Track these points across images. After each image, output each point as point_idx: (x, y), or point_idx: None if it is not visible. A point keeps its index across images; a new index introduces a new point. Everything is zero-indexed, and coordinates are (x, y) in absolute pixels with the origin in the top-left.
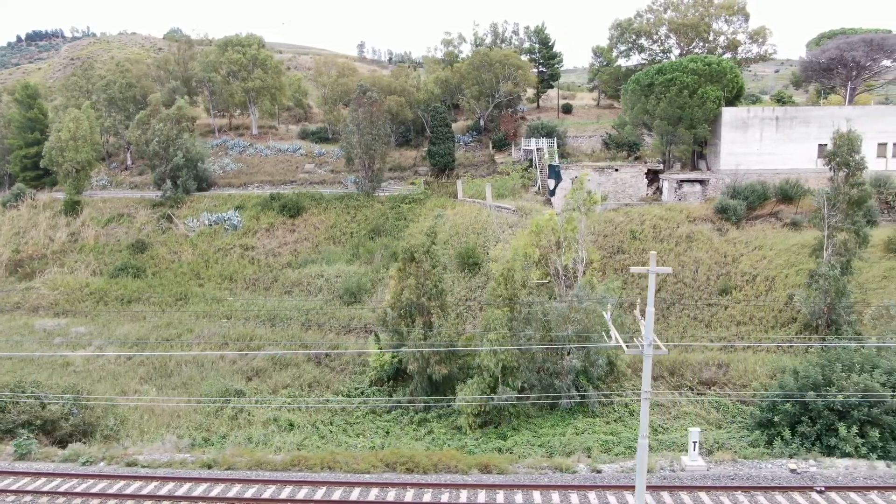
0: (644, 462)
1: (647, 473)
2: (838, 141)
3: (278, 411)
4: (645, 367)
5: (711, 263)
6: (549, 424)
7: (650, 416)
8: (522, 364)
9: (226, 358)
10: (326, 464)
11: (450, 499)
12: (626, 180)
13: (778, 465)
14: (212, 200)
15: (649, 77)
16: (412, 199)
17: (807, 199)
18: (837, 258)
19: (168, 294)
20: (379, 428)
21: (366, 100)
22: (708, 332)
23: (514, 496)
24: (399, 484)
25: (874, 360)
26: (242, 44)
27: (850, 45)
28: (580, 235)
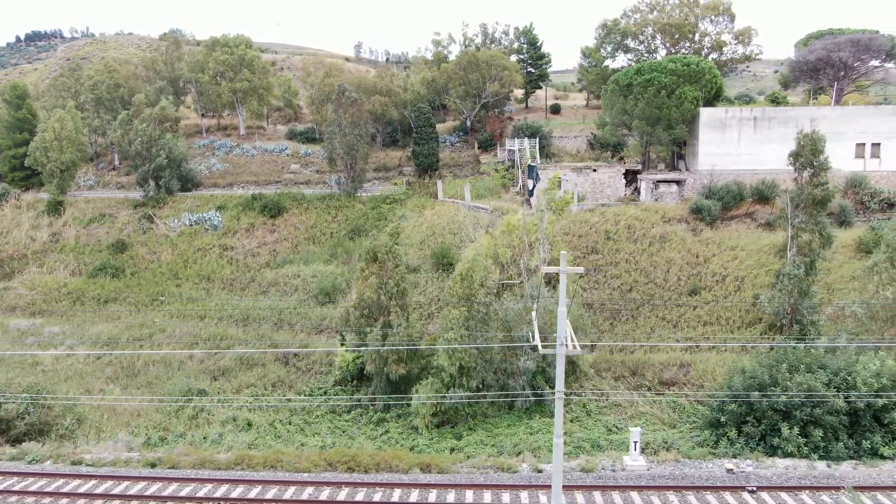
0: (559, 461)
1: (588, 473)
2: (802, 141)
3: (238, 411)
4: (558, 367)
5: (683, 264)
6: (505, 424)
7: (606, 417)
8: (479, 364)
9: (194, 357)
10: (269, 463)
11: (382, 497)
12: (604, 181)
13: (717, 465)
14: (194, 200)
15: (628, 77)
16: (393, 200)
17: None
18: (801, 258)
19: (144, 294)
20: (336, 428)
21: (345, 100)
22: (675, 333)
23: (446, 495)
24: (335, 483)
25: (822, 360)
26: (229, 44)
27: (837, 45)
28: (541, 235)
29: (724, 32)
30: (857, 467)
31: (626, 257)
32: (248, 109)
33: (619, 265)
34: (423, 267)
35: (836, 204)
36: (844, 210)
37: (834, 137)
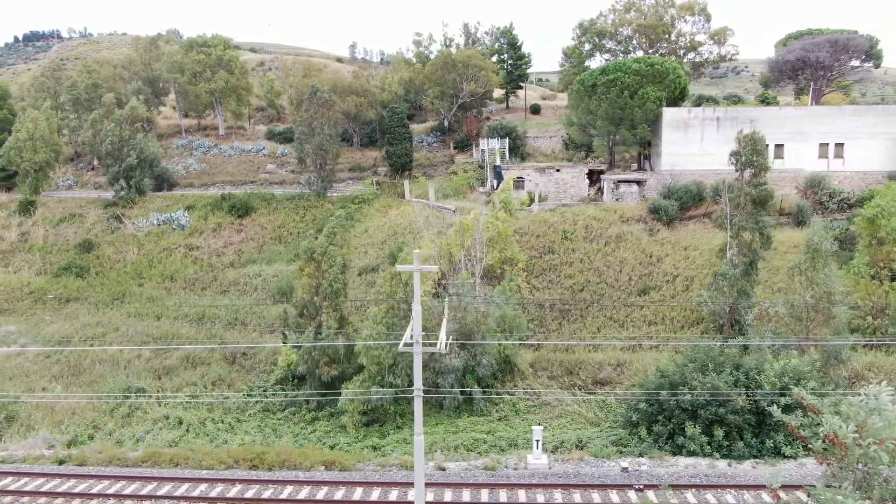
0: (421, 458)
1: (489, 471)
2: (742, 141)
3: (172, 409)
4: (415, 365)
5: (636, 263)
6: (433, 423)
7: (534, 416)
8: (401, 362)
9: (142, 357)
10: (175, 461)
11: (272, 494)
12: (567, 181)
13: (616, 464)
14: (164, 200)
15: (593, 78)
16: (361, 200)
17: None
18: (741, 259)
19: (106, 294)
20: (267, 426)
21: (316, 100)
22: (620, 332)
23: (335, 492)
24: (229, 480)
25: (735, 360)
26: (207, 44)
27: (816, 45)
28: (477, 235)
29: (700, 33)
30: (756, 466)
31: (580, 257)
32: (227, 110)
33: (573, 265)
34: (381, 266)
35: (793, 204)
36: (802, 210)
37: (798, 137)
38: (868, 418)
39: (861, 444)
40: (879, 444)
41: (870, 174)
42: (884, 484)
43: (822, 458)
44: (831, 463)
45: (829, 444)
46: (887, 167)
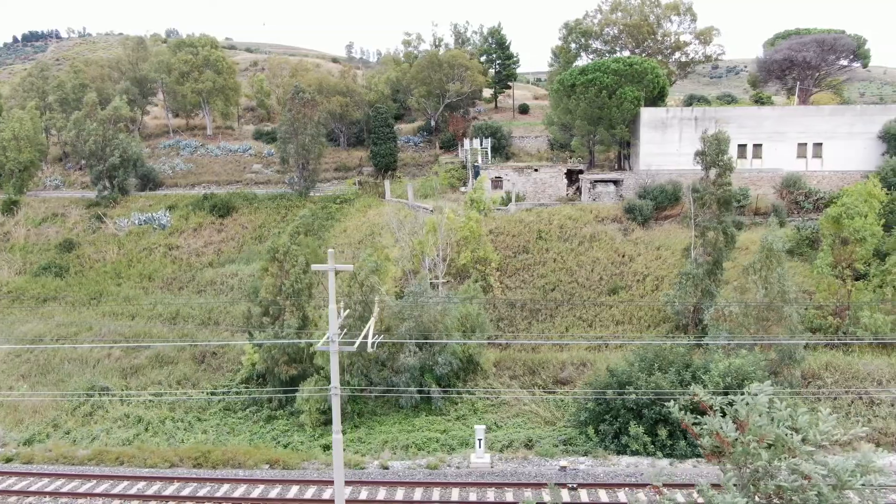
0: (340, 457)
1: (431, 470)
2: (707, 141)
3: (134, 408)
4: (332, 363)
5: (608, 263)
6: (391, 422)
7: (492, 415)
8: (356, 362)
9: (112, 356)
10: (122, 459)
11: (209, 492)
12: (545, 180)
13: (556, 463)
14: (147, 200)
15: (572, 77)
16: (343, 200)
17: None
18: (705, 258)
19: (83, 293)
20: (226, 425)
21: (298, 100)
22: (588, 332)
23: (270, 490)
24: (167, 478)
25: (684, 359)
26: (194, 44)
27: (803, 45)
28: (440, 235)
29: (685, 32)
30: (697, 465)
31: (554, 256)
32: (215, 110)
33: (546, 264)
34: None
35: (768, 204)
36: (777, 210)
37: (776, 137)
38: (750, 416)
39: (742, 441)
40: (759, 441)
41: (848, 174)
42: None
43: (710, 456)
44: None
45: (716, 442)
46: (865, 167)
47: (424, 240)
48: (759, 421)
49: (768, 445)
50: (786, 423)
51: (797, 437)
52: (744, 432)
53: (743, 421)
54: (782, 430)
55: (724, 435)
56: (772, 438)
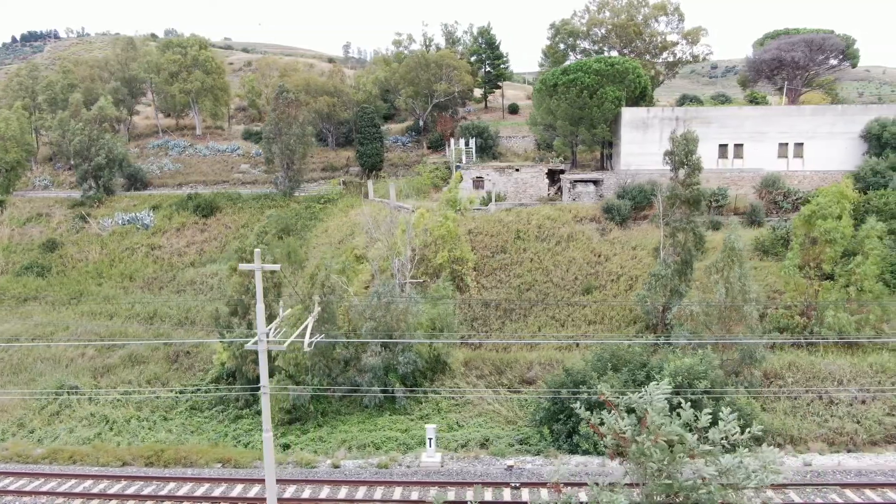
0: (270, 455)
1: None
2: (675, 142)
3: (102, 407)
4: (261, 362)
5: (583, 263)
6: (354, 422)
7: (455, 415)
8: (318, 363)
9: (85, 355)
10: (76, 458)
11: (153, 490)
12: (526, 180)
13: (506, 462)
14: (131, 200)
15: (554, 77)
16: (326, 200)
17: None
18: (673, 258)
19: (64, 293)
20: (192, 424)
21: (282, 101)
22: (560, 331)
23: (215, 488)
24: (114, 476)
25: (641, 358)
26: (182, 45)
27: (791, 45)
28: (409, 234)
29: (673, 32)
30: None
31: (531, 256)
32: (204, 110)
33: (523, 264)
34: None
35: (747, 203)
36: (756, 210)
37: (757, 137)
38: (649, 415)
39: (638, 439)
40: (655, 440)
41: (830, 174)
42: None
43: (613, 454)
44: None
45: (617, 440)
46: (847, 167)
47: (396, 240)
48: (658, 420)
49: (669, 445)
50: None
51: (692, 437)
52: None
53: (643, 420)
54: (678, 430)
55: (622, 434)
56: (667, 438)
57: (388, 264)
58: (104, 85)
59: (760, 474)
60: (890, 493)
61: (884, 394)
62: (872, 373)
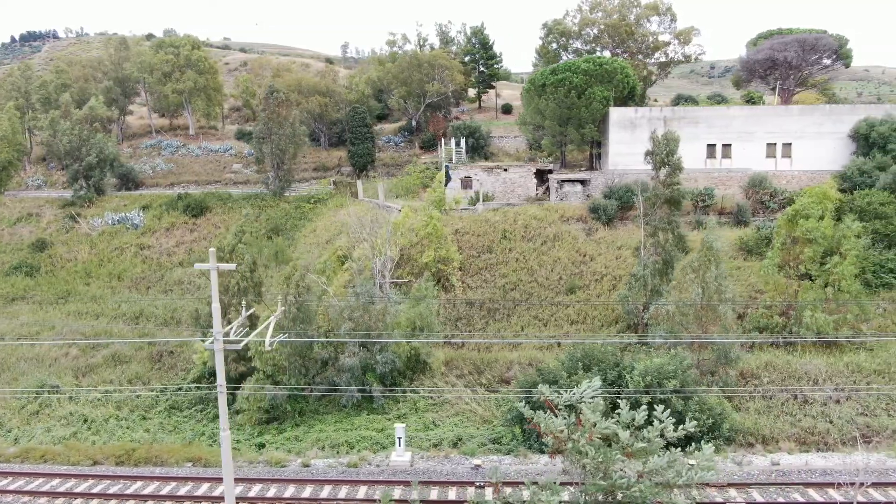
0: (228, 454)
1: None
2: (656, 142)
3: (82, 406)
4: (217, 362)
5: (568, 262)
6: (331, 421)
7: (432, 414)
8: (294, 363)
9: (69, 355)
10: (48, 457)
11: (119, 489)
12: (514, 180)
13: (473, 462)
14: (122, 200)
15: (543, 77)
16: (316, 199)
17: None
18: (653, 258)
19: (52, 293)
20: (170, 423)
21: (272, 101)
22: (542, 331)
23: (181, 488)
24: (81, 475)
25: (613, 358)
26: (175, 45)
27: (784, 45)
28: (387, 233)
29: (665, 32)
30: None
31: (516, 256)
32: (198, 109)
33: (508, 264)
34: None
35: (733, 203)
36: (742, 209)
37: (745, 137)
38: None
39: (573, 438)
40: (588, 438)
41: (818, 174)
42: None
43: (553, 453)
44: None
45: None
46: (835, 167)
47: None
48: (593, 418)
49: (607, 443)
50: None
51: (626, 434)
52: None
53: (579, 420)
54: (612, 428)
55: (557, 433)
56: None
57: (370, 264)
58: (97, 85)
59: (691, 472)
60: (852, 493)
61: (857, 393)
62: (848, 372)
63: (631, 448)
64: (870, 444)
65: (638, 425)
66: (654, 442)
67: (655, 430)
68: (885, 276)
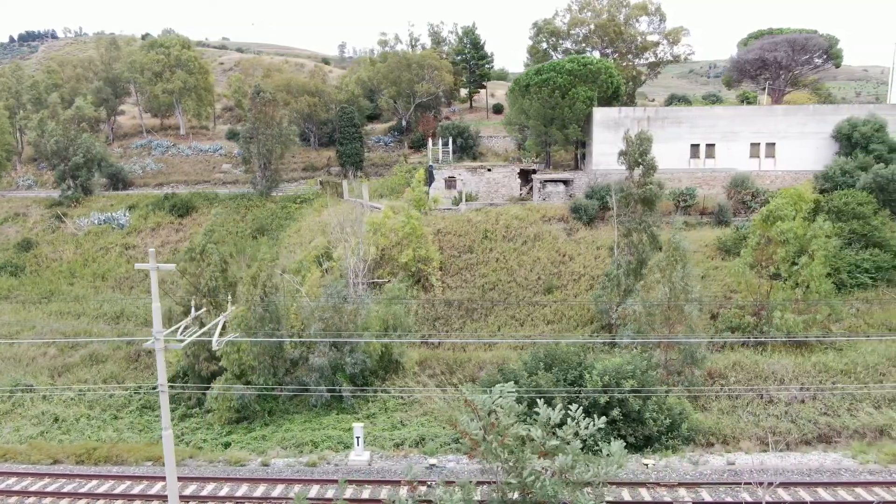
0: (171, 453)
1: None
2: (629, 142)
3: (55, 405)
4: (158, 361)
5: (547, 262)
6: (300, 420)
7: (401, 414)
8: (262, 363)
9: (47, 354)
10: (8, 456)
11: (74, 488)
12: (498, 180)
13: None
14: (108, 200)
15: (527, 78)
16: (302, 199)
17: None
18: (626, 258)
19: (35, 293)
20: (140, 422)
21: (258, 101)
22: (518, 331)
23: (135, 487)
24: (37, 474)
25: (576, 358)
26: (165, 44)
27: (774, 45)
28: (361, 232)
29: (654, 33)
30: None
31: (497, 256)
32: (188, 109)
33: (489, 264)
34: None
35: (714, 203)
36: (723, 209)
37: (730, 137)
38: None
39: (487, 439)
40: (502, 440)
41: (801, 174)
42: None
43: (471, 454)
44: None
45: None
46: (818, 167)
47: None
48: (506, 421)
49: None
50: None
51: (541, 434)
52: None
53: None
54: (524, 430)
55: (471, 434)
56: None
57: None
58: (88, 85)
59: (600, 470)
60: (802, 492)
61: (822, 393)
62: (815, 372)
63: (544, 447)
64: (829, 443)
65: (555, 424)
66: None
67: (570, 429)
68: (861, 276)
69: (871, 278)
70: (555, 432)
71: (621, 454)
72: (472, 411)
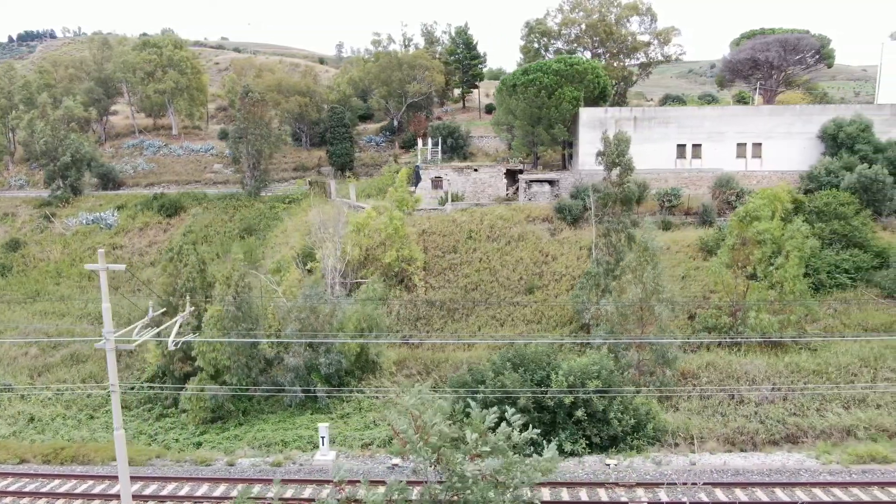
0: (123, 452)
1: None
2: (607, 142)
3: (32, 405)
4: (109, 361)
5: (530, 263)
6: (275, 420)
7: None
8: (236, 362)
9: (28, 354)
10: None
11: (36, 487)
12: (485, 180)
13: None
14: (97, 200)
15: (514, 78)
16: (291, 199)
17: (649, 199)
18: (604, 258)
19: (21, 292)
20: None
21: (248, 101)
22: (499, 331)
23: (96, 486)
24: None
25: (544, 358)
26: (157, 44)
27: (766, 45)
28: (339, 232)
29: (645, 33)
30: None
31: (480, 256)
32: (181, 109)
33: (472, 264)
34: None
35: (699, 203)
36: (707, 210)
37: (716, 137)
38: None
39: (412, 439)
40: (426, 439)
41: (787, 174)
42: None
43: (400, 454)
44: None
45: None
46: (803, 167)
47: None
48: (433, 420)
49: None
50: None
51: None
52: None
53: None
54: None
55: (401, 434)
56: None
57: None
58: (80, 85)
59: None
60: (759, 493)
61: (793, 393)
62: (787, 372)
63: (476, 450)
64: (795, 444)
65: (488, 427)
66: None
67: (502, 434)
68: (840, 276)
69: (851, 279)
70: (493, 433)
71: (553, 458)
72: (405, 412)
